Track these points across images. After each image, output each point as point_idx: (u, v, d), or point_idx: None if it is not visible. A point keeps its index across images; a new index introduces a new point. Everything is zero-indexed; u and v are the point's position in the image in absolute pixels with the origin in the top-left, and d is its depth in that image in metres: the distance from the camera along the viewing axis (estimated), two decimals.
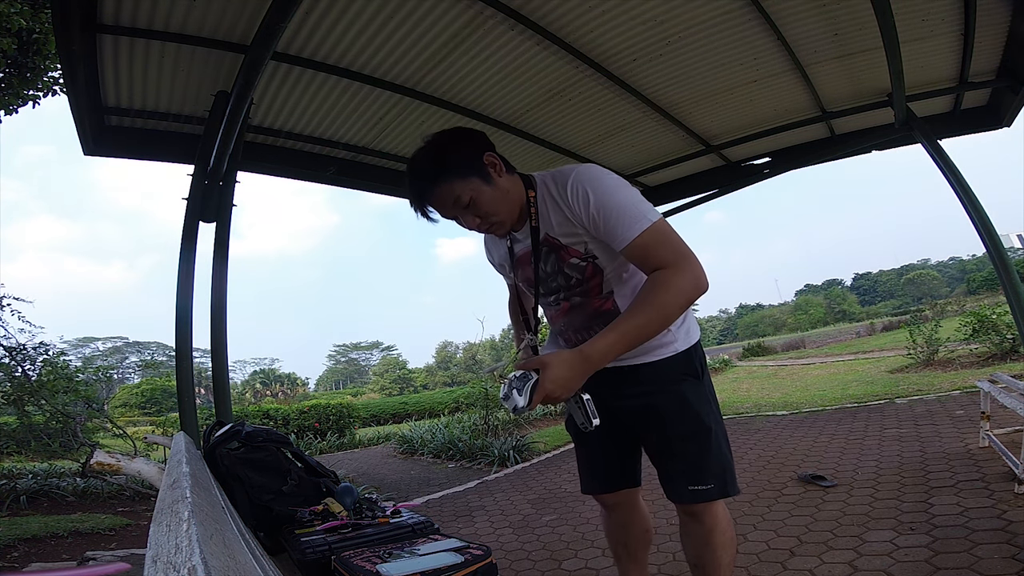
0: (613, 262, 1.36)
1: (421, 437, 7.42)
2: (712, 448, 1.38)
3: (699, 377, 1.44)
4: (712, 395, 1.45)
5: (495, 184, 1.31)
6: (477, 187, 1.28)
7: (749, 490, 3.24)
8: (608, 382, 1.42)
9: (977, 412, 3.51)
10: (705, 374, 1.46)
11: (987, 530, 2.10)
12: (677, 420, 1.39)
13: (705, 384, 1.44)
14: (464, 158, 1.29)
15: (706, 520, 1.39)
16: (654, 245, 1.21)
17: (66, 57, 2.57)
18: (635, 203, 1.24)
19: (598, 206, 1.24)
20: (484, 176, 1.29)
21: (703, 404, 1.40)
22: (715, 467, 1.37)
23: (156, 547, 0.60)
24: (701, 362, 1.47)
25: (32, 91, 5.50)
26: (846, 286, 78.05)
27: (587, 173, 1.28)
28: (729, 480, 1.38)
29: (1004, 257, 3.93)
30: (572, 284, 1.42)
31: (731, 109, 4.41)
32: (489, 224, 1.35)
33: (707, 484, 1.36)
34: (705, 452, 1.38)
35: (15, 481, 4.75)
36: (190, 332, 3.03)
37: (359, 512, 2.18)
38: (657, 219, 1.22)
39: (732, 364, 16.22)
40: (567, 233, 1.34)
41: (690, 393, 1.40)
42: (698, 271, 1.20)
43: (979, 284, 33.07)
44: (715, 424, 1.40)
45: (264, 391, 31.77)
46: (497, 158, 1.33)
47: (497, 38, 3.12)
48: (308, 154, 4.05)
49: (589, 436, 1.56)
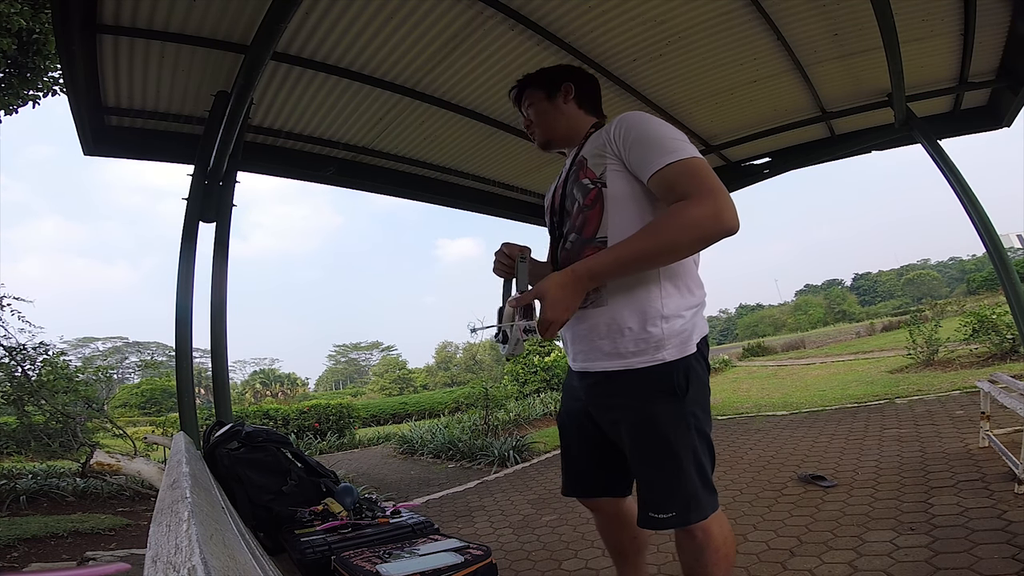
0: (617, 198, 1.29)
1: (421, 437, 7.42)
2: (678, 476, 1.24)
3: (678, 395, 1.24)
4: (695, 412, 1.26)
5: (554, 104, 1.52)
6: (539, 98, 1.53)
7: (749, 490, 3.24)
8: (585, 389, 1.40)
9: (977, 412, 3.51)
10: (690, 390, 1.25)
11: (987, 530, 2.10)
12: (642, 444, 1.28)
13: (687, 403, 1.25)
14: (548, 77, 1.54)
15: (697, 535, 1.27)
16: (680, 176, 1.14)
17: (66, 57, 2.57)
18: (672, 138, 1.20)
19: (637, 135, 1.24)
20: (550, 94, 1.52)
21: (675, 428, 1.24)
22: (679, 496, 1.24)
23: (156, 547, 0.60)
24: (687, 375, 1.25)
25: (32, 91, 5.50)
26: (846, 286, 78.04)
27: (635, 113, 1.31)
28: (693, 507, 1.24)
29: (1004, 257, 3.93)
30: (575, 210, 1.38)
31: (731, 109, 4.41)
32: (532, 130, 1.57)
33: (666, 513, 1.25)
34: (670, 479, 1.25)
35: (15, 481, 4.74)
36: (190, 332, 3.03)
37: (359, 512, 2.18)
38: (691, 155, 1.16)
39: (732, 364, 16.22)
40: (595, 154, 1.35)
41: (662, 415, 1.25)
42: (722, 206, 1.09)
43: (979, 284, 33.02)
44: (686, 450, 1.24)
45: (264, 391, 31.75)
46: (572, 89, 1.52)
47: (497, 38, 3.12)
48: (308, 154, 4.05)
49: (569, 438, 1.58)
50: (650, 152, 1.19)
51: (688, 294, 1.29)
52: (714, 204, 1.09)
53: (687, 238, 1.11)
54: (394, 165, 4.53)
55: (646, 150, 1.20)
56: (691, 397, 1.25)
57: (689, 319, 1.28)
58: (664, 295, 1.26)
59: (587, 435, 1.48)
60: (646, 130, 1.23)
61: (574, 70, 1.57)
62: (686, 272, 1.30)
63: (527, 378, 14.10)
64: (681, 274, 1.29)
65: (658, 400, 1.25)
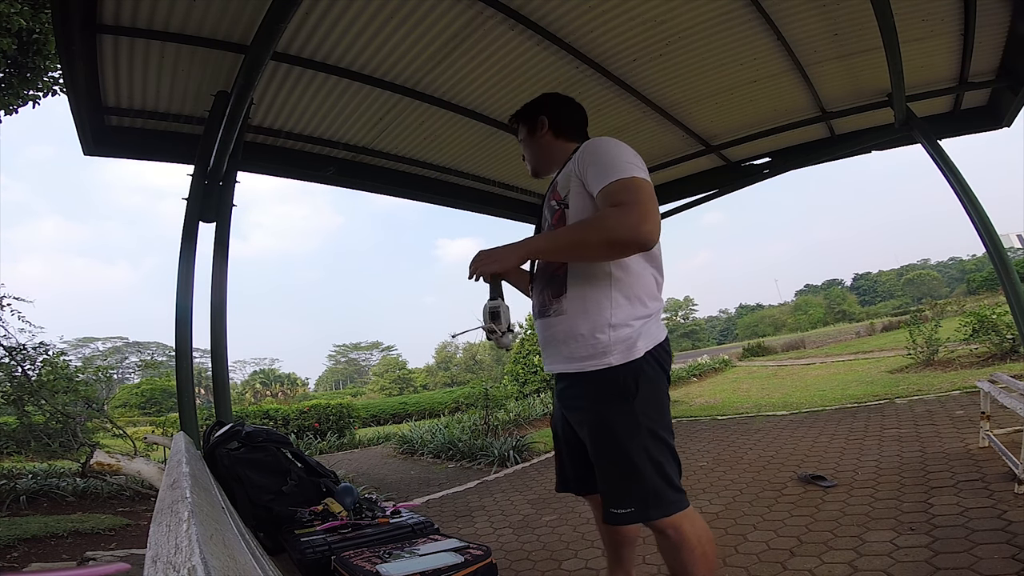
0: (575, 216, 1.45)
1: (421, 437, 7.42)
2: (632, 472, 1.34)
3: (627, 397, 1.35)
4: (646, 413, 1.35)
5: (535, 137, 1.69)
6: (524, 134, 1.74)
7: (749, 490, 3.24)
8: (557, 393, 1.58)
9: (977, 412, 3.51)
10: (640, 392, 1.35)
11: (987, 530, 2.10)
12: (597, 443, 1.40)
13: (637, 404, 1.35)
14: (527, 113, 1.74)
15: (670, 535, 1.35)
16: (620, 189, 1.28)
17: (66, 57, 2.57)
18: (625, 160, 1.33)
19: (594, 158, 1.39)
20: (531, 129, 1.71)
21: (626, 427, 1.35)
22: (635, 492, 1.33)
23: (156, 547, 0.60)
24: (637, 379, 1.36)
25: (32, 91, 5.49)
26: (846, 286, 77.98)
27: (599, 139, 1.45)
28: (652, 503, 1.32)
29: (1004, 257, 3.92)
30: (545, 228, 1.59)
31: (731, 109, 4.41)
32: (526, 159, 1.77)
33: (625, 508, 1.34)
34: (625, 477, 1.35)
35: (15, 481, 4.74)
36: (190, 332, 3.03)
37: (359, 512, 2.18)
38: (634, 175, 1.29)
39: (732, 364, 16.22)
40: (564, 178, 1.52)
41: (613, 415, 1.36)
42: (643, 219, 1.23)
43: (979, 284, 33.01)
44: (638, 448, 1.33)
45: (264, 391, 31.74)
46: (546, 122, 1.67)
47: (497, 38, 3.12)
48: (308, 154, 4.05)
49: (558, 438, 1.69)
50: (601, 171, 1.34)
51: (640, 306, 1.41)
52: (636, 215, 1.23)
53: (598, 237, 1.27)
54: (394, 165, 4.53)
55: (599, 169, 1.35)
56: (641, 398, 1.36)
57: (637, 328, 1.39)
58: (614, 306, 1.39)
59: (569, 435, 1.60)
60: (603, 153, 1.38)
61: (548, 101, 1.72)
62: (640, 285, 1.42)
63: (527, 378, 14.10)
64: (634, 287, 1.41)
65: (610, 402, 1.38)
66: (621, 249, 1.30)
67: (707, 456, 4.36)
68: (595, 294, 1.40)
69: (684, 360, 18.46)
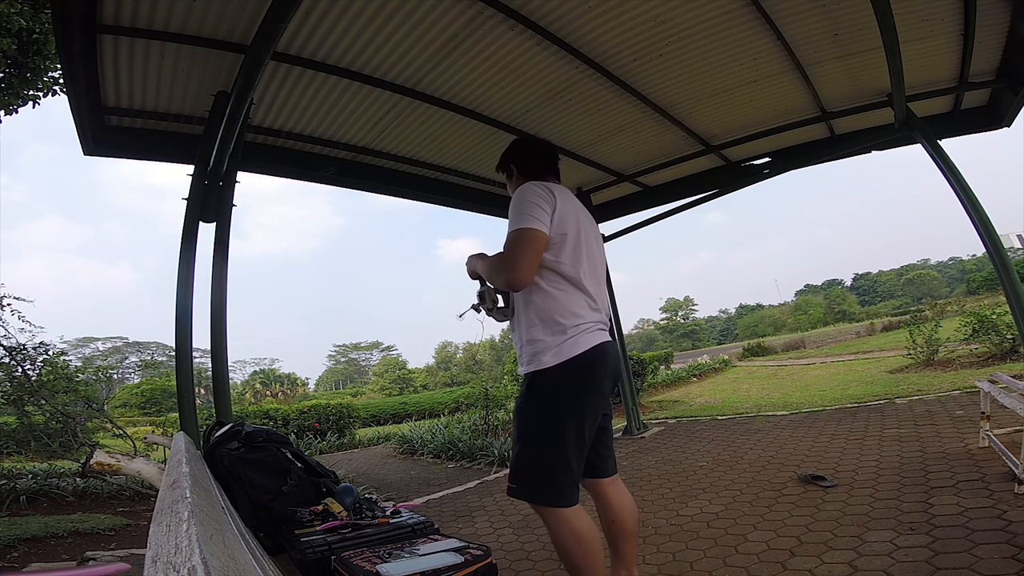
0: None
1: (421, 437, 7.41)
2: (519, 456, 1.67)
3: (531, 401, 1.67)
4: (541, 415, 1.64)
5: (512, 182, 1.98)
6: (506, 179, 2.03)
7: (749, 490, 3.24)
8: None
9: (977, 412, 3.50)
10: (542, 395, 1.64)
11: (987, 530, 2.10)
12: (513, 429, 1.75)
13: (533, 402, 1.66)
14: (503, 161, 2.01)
15: (547, 518, 1.61)
16: (507, 241, 1.67)
17: (66, 57, 2.57)
18: (524, 213, 1.65)
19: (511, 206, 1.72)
20: (509, 175, 2.00)
21: (525, 417, 1.68)
22: (518, 471, 1.66)
23: (156, 547, 0.60)
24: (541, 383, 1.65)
25: (32, 91, 5.49)
26: (846, 286, 77.90)
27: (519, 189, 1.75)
28: (529, 488, 1.63)
29: (1004, 257, 3.92)
30: None
31: (731, 109, 4.42)
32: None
33: (513, 483, 1.67)
34: (516, 456, 1.68)
35: (15, 481, 4.74)
36: (190, 332, 3.03)
37: (359, 512, 2.18)
38: (521, 228, 1.63)
39: (732, 364, 16.23)
40: None
41: (523, 404, 1.70)
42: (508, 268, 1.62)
43: (979, 284, 33.01)
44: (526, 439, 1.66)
45: (264, 391, 31.76)
46: (514, 169, 1.96)
47: (497, 38, 3.12)
48: (308, 154, 4.05)
49: None
50: (510, 219, 1.69)
51: (553, 325, 1.67)
52: (507, 264, 1.62)
53: (492, 267, 1.73)
54: (394, 165, 4.53)
55: (510, 217, 1.70)
56: (539, 400, 1.66)
57: (550, 344, 1.65)
58: (530, 326, 1.69)
59: None
60: (514, 204, 1.70)
61: (514, 149, 2.00)
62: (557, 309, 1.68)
63: None
64: (550, 311, 1.68)
65: (521, 397, 1.73)
66: (502, 286, 1.72)
67: (707, 456, 4.36)
68: (523, 316, 1.73)
69: (684, 360, 18.45)
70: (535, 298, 1.68)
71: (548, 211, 1.65)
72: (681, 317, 73.00)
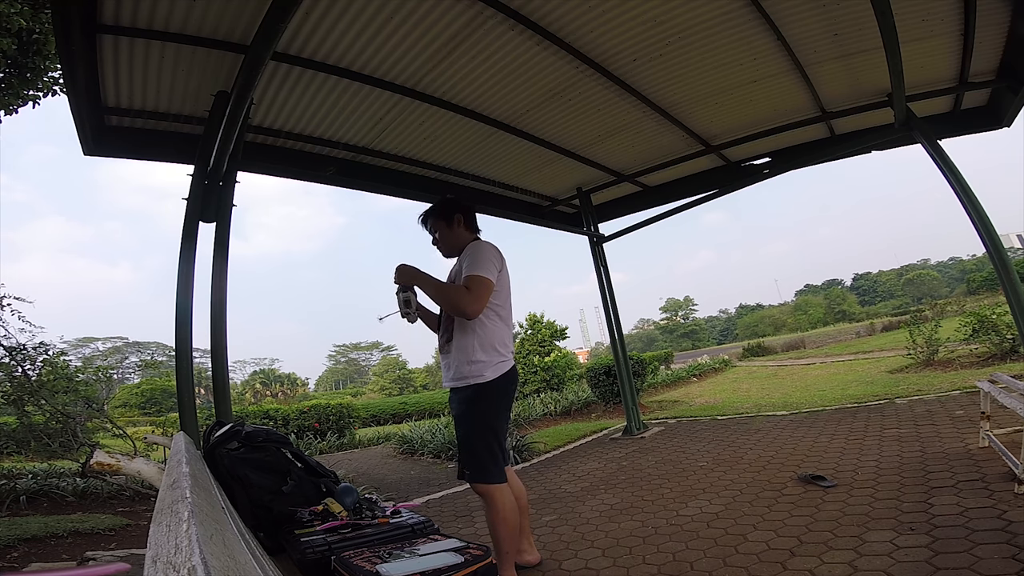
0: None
1: (421, 437, 7.41)
2: (468, 450, 2.24)
3: (472, 402, 2.22)
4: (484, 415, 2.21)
5: (451, 228, 2.46)
6: (442, 225, 2.48)
7: (749, 490, 3.24)
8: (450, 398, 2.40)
9: (977, 412, 3.50)
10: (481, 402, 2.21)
11: (987, 530, 2.10)
12: (456, 428, 2.33)
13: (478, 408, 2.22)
14: (447, 210, 2.47)
15: (485, 498, 2.16)
16: (469, 280, 2.18)
17: (66, 57, 2.57)
18: (486, 266, 2.20)
19: (470, 259, 2.25)
20: (448, 222, 2.46)
21: (470, 421, 2.23)
22: (469, 462, 2.23)
23: (156, 547, 0.60)
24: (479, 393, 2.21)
25: (32, 91, 5.48)
26: (846, 286, 77.88)
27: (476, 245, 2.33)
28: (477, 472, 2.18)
29: (1004, 257, 3.92)
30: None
31: (731, 109, 4.42)
32: (438, 245, 2.52)
33: (466, 470, 2.24)
34: (465, 451, 2.26)
35: (15, 481, 4.73)
36: (190, 332, 3.03)
37: (359, 512, 2.18)
38: (484, 276, 2.17)
39: (732, 364, 16.22)
40: (457, 265, 2.41)
41: (464, 411, 2.25)
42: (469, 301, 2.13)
43: (979, 284, 33.03)
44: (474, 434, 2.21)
45: (264, 391, 31.76)
46: (462, 219, 2.45)
47: (497, 38, 3.12)
48: (308, 154, 4.05)
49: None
50: (471, 264, 2.22)
51: (492, 351, 2.24)
52: (469, 298, 2.13)
53: (448, 298, 2.23)
54: (394, 165, 4.53)
55: (471, 262, 2.22)
56: (481, 405, 2.22)
57: (487, 364, 2.22)
58: (473, 350, 2.22)
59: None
60: (474, 257, 2.23)
61: (461, 202, 2.50)
62: (495, 338, 2.25)
63: (527, 378, 14.09)
64: (490, 339, 2.24)
65: (464, 404, 2.25)
66: (454, 311, 2.20)
67: (707, 456, 4.36)
68: (464, 342, 2.24)
69: (684, 360, 18.45)
70: (479, 330, 2.23)
71: (498, 267, 2.26)
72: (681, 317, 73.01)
